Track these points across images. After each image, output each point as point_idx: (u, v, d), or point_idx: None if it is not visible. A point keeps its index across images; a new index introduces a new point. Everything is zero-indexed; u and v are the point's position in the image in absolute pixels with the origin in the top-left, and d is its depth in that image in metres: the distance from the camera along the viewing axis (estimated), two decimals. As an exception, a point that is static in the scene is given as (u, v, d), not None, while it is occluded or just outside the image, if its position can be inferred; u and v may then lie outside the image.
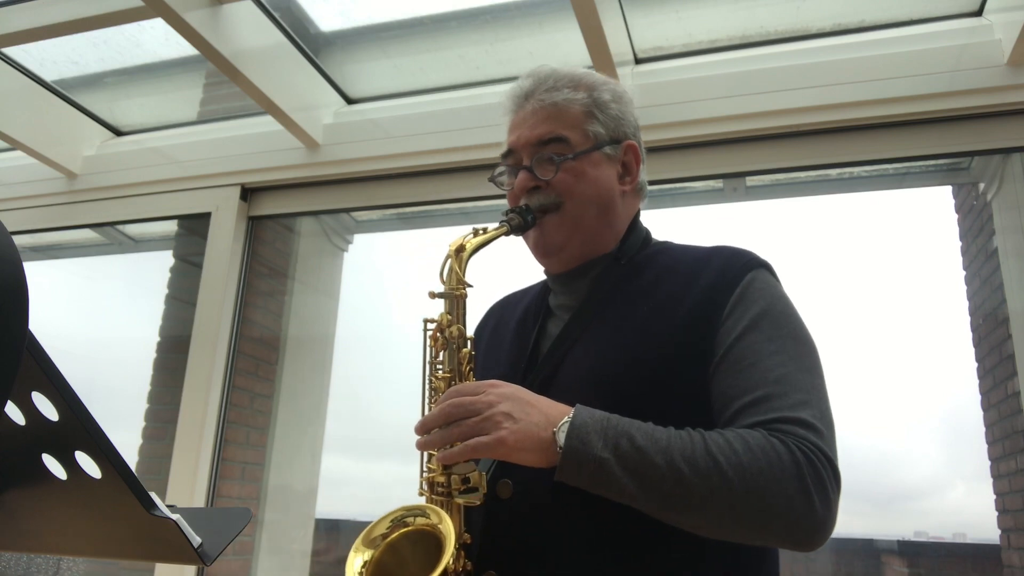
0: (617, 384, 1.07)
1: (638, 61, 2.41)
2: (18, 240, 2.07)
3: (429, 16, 2.52)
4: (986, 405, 2.50)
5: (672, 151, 2.31)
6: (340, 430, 3.21)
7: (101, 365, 3.32)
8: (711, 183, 2.57)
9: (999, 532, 2.42)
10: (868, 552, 2.89)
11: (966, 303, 2.58)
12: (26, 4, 2.31)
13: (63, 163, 2.95)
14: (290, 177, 2.73)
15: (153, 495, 0.67)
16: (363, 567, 1.01)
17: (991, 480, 2.47)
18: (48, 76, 2.86)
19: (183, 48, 2.62)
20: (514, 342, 1.27)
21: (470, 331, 1.17)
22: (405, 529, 1.05)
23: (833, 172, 2.50)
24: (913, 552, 2.78)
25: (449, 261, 1.16)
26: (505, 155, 1.27)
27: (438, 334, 1.15)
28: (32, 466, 0.68)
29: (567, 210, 1.20)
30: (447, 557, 0.96)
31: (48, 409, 0.62)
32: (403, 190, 2.64)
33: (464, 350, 1.14)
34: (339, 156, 2.66)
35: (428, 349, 1.17)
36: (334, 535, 3.56)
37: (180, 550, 0.69)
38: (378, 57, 2.68)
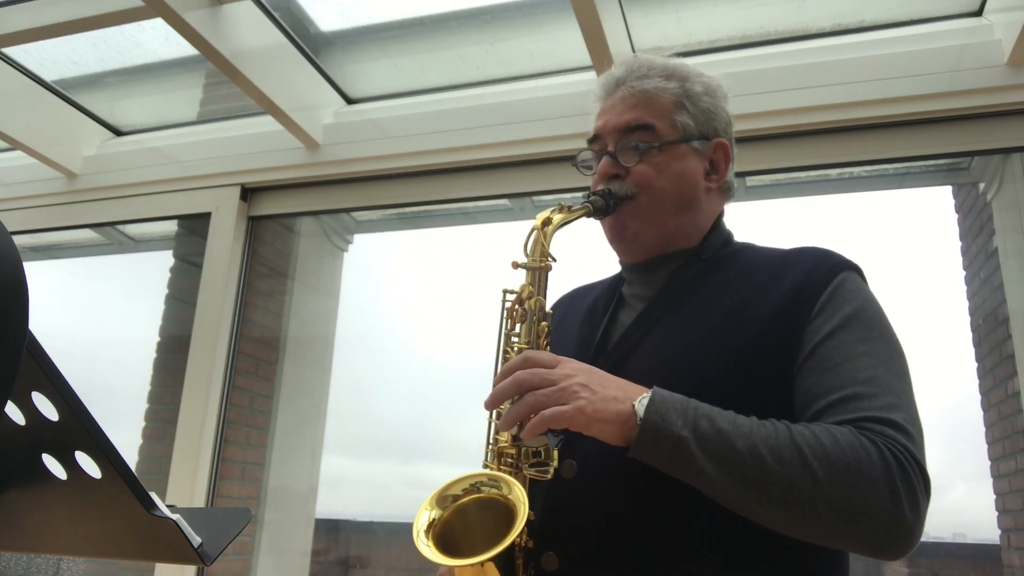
0: (691, 375, 1.04)
1: (638, 61, 2.41)
2: (18, 240, 2.07)
3: (429, 16, 2.52)
4: (986, 405, 2.50)
5: (672, 151, 2.30)
6: (340, 430, 3.22)
7: (101, 365, 3.32)
8: (711, 183, 2.57)
9: (999, 532, 2.42)
10: (868, 552, 2.88)
11: (966, 303, 2.58)
12: (26, 4, 2.31)
13: (63, 163, 2.95)
14: (290, 177, 2.73)
15: (153, 495, 0.67)
16: (430, 524, 1.00)
17: (991, 480, 2.47)
18: (48, 76, 2.86)
19: (183, 48, 2.62)
20: (582, 330, 1.24)
21: (549, 305, 1.14)
22: (478, 496, 1.03)
23: (833, 172, 2.50)
24: (913, 552, 2.77)
25: (535, 233, 1.13)
26: (591, 140, 1.25)
27: (516, 306, 1.12)
28: (32, 466, 0.68)
29: (642, 202, 1.17)
30: (515, 532, 0.93)
31: (48, 409, 0.62)
32: (403, 190, 2.64)
33: (543, 323, 1.11)
34: (339, 156, 2.66)
35: (504, 321, 1.14)
36: (334, 535, 3.56)
37: (180, 550, 0.69)
38: (378, 57, 2.68)
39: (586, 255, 1.43)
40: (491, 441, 1.09)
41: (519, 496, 0.98)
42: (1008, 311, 2.31)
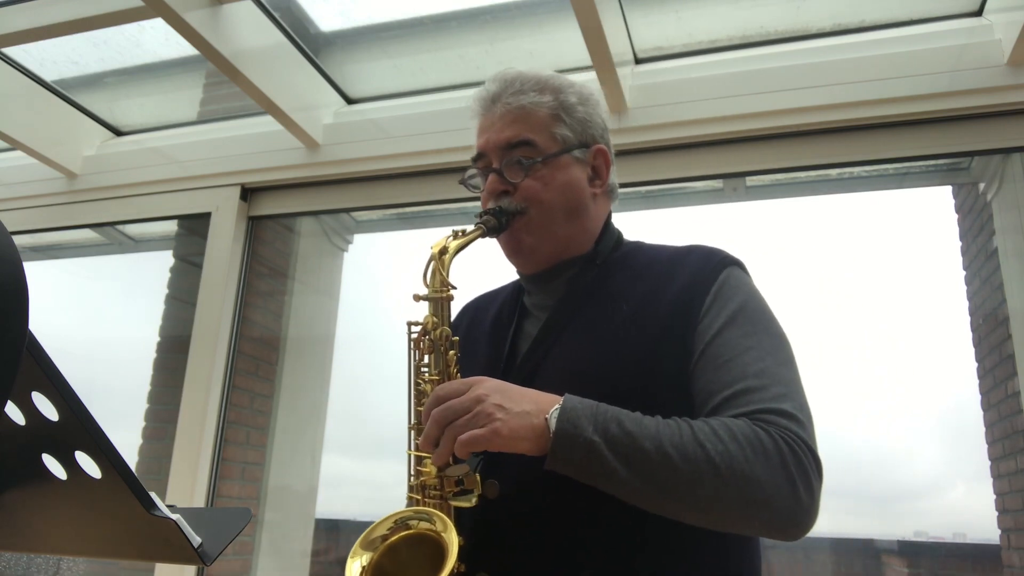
0: (598, 381, 1.08)
1: (638, 61, 2.41)
2: (18, 240, 2.07)
3: (429, 16, 2.51)
4: (986, 405, 2.50)
5: (672, 151, 2.31)
6: (340, 430, 3.21)
7: (101, 365, 3.32)
8: (711, 183, 2.57)
9: (999, 532, 2.42)
10: (868, 552, 2.89)
11: (966, 303, 2.58)
12: (26, 4, 2.31)
13: (63, 163, 2.95)
14: (290, 177, 2.73)
15: (153, 495, 0.67)
16: (361, 571, 1.01)
17: (991, 480, 2.47)
18: (48, 76, 2.86)
19: (183, 48, 2.62)
20: (490, 342, 1.28)
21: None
22: (406, 532, 1.04)
23: (833, 172, 2.50)
24: (913, 552, 2.78)
25: (432, 263, 1.17)
26: (475, 158, 1.30)
27: (423, 337, 1.15)
28: (32, 466, 0.68)
29: (533, 215, 1.21)
30: (450, 564, 0.95)
31: (48, 409, 0.62)
32: (403, 190, 2.64)
33: (451, 352, 1.15)
34: (339, 156, 2.66)
35: (412, 352, 1.17)
36: (334, 535, 3.55)
37: (180, 550, 0.69)
38: (378, 57, 2.68)
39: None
40: (413, 475, 1.11)
41: (447, 526, 1.00)
42: (1008, 311, 2.31)
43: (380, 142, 2.62)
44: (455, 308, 1.19)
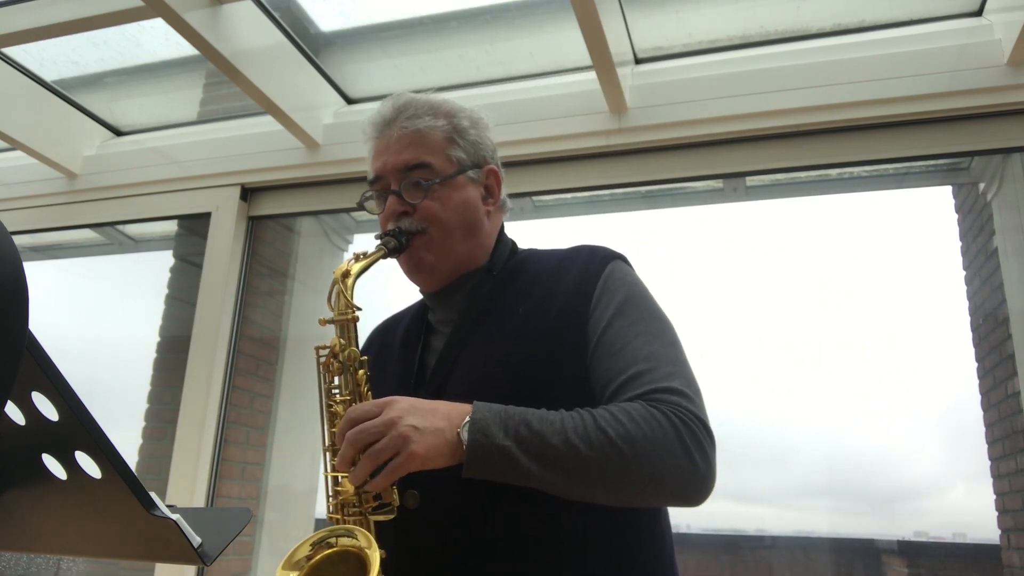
0: (505, 387, 1.12)
1: (638, 61, 2.41)
2: (18, 240, 2.07)
3: (429, 16, 2.52)
4: (986, 405, 2.50)
5: (672, 151, 2.31)
6: (340, 430, 3.21)
7: (101, 365, 3.32)
8: (711, 183, 2.57)
9: (999, 532, 2.42)
10: (868, 552, 2.89)
11: (966, 303, 2.58)
12: (26, 4, 2.31)
13: (63, 163, 2.95)
14: (290, 177, 2.73)
15: (153, 495, 0.67)
16: None
17: (991, 480, 2.47)
18: (48, 76, 2.86)
19: (183, 48, 2.62)
20: (399, 362, 1.32)
21: (361, 342, 1.22)
22: (328, 551, 1.05)
23: (833, 172, 2.50)
24: (913, 552, 2.78)
25: (336, 286, 1.20)
26: (372, 181, 1.34)
27: (332, 360, 1.18)
28: (32, 466, 0.68)
29: (433, 234, 1.26)
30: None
31: (48, 409, 0.62)
32: (403, 190, 2.64)
33: (361, 372, 1.18)
34: (339, 156, 2.66)
35: (322, 375, 1.20)
36: (334, 535, 3.54)
37: (180, 550, 0.69)
38: (378, 57, 2.68)
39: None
40: (331, 494, 1.13)
41: (368, 541, 1.02)
42: (1008, 311, 2.31)
43: (380, 142, 2.61)
44: (365, 329, 1.23)
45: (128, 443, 2.93)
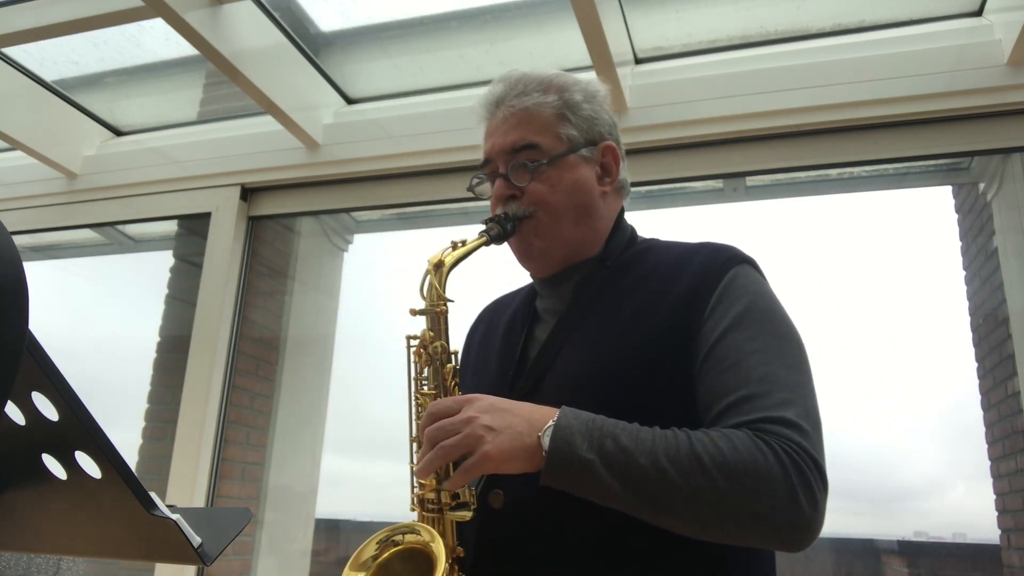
0: (603, 386, 1.07)
1: (638, 61, 2.41)
2: (18, 240, 2.07)
3: (429, 16, 2.51)
4: (986, 405, 2.50)
5: (672, 151, 2.31)
6: (340, 430, 3.21)
7: (101, 365, 3.32)
8: (711, 183, 2.57)
9: (999, 532, 2.42)
10: (868, 552, 2.89)
11: (966, 303, 2.58)
12: (26, 4, 2.31)
13: (63, 163, 2.95)
14: (290, 177, 2.73)
15: (153, 495, 0.67)
16: None
17: (991, 480, 2.47)
18: (48, 76, 2.86)
19: (183, 48, 2.62)
20: (502, 348, 1.27)
21: (454, 345, 1.17)
22: (396, 548, 1.05)
23: (833, 172, 2.50)
24: (913, 552, 2.78)
25: (428, 277, 1.15)
26: (482, 164, 1.27)
27: (422, 350, 1.15)
28: (32, 466, 0.68)
29: (541, 218, 1.20)
30: (439, 572, 0.96)
31: (48, 409, 0.62)
32: (403, 190, 2.64)
33: (448, 365, 1.14)
34: (339, 156, 2.66)
35: (412, 365, 1.16)
36: (334, 535, 3.55)
37: (180, 550, 0.69)
38: (378, 57, 2.68)
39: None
40: (415, 487, 1.11)
41: (437, 539, 1.01)
42: (1008, 311, 2.31)
43: (380, 142, 2.62)
44: (462, 315, 1.18)
45: (128, 443, 2.93)
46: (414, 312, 1.15)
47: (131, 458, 2.93)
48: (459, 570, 1.06)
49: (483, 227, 1.19)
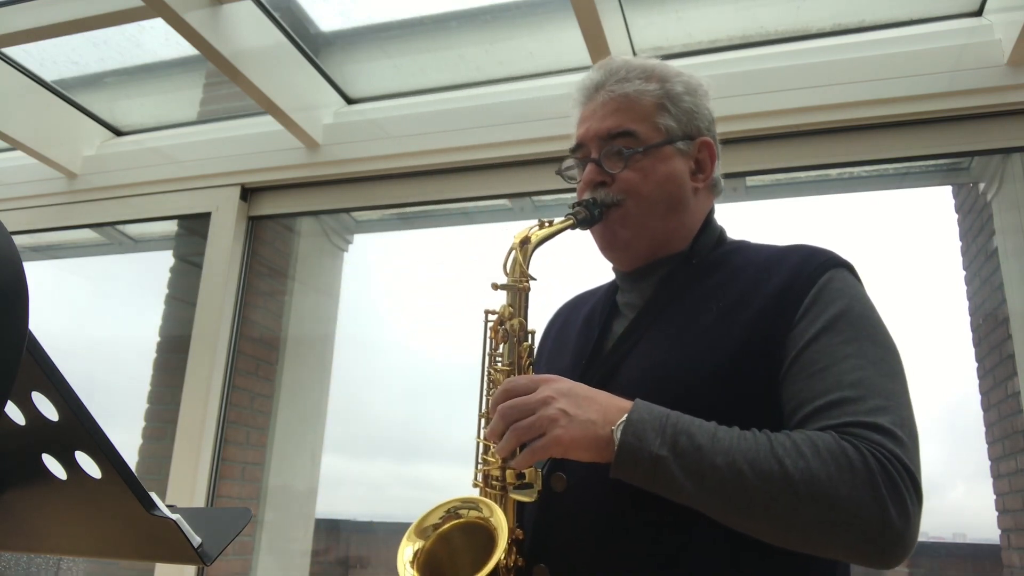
0: (677, 384, 1.03)
1: (638, 61, 2.41)
2: (18, 240, 2.07)
3: (429, 16, 2.52)
4: (986, 405, 2.50)
5: (672, 151, 2.30)
6: (340, 430, 3.21)
7: (101, 365, 3.32)
8: (711, 183, 2.57)
9: (999, 532, 2.42)
10: (868, 552, 2.88)
11: (966, 303, 2.58)
12: (26, 4, 2.31)
13: (63, 163, 2.95)
14: (290, 177, 2.73)
15: (153, 495, 0.67)
16: (414, 556, 1.01)
17: (991, 480, 2.47)
18: (48, 76, 2.86)
19: (183, 48, 2.62)
20: (578, 340, 1.24)
21: (531, 325, 1.14)
22: (457, 521, 1.04)
23: (833, 172, 2.50)
24: (913, 552, 2.77)
25: (513, 253, 1.12)
26: (574, 149, 1.24)
27: (499, 326, 1.12)
28: (32, 466, 0.68)
29: (630, 208, 1.16)
30: (499, 554, 0.94)
31: (48, 409, 0.62)
32: (403, 190, 2.64)
33: (525, 344, 1.11)
34: (339, 156, 2.66)
35: (488, 340, 1.14)
36: (334, 535, 3.56)
37: (180, 550, 0.69)
38: (378, 57, 2.68)
39: (581, 263, 1.42)
40: (480, 463, 1.10)
41: (499, 516, 1.00)
42: (1008, 311, 2.31)
43: (380, 142, 2.62)
44: (535, 300, 1.15)
45: (128, 443, 2.93)
46: (496, 287, 1.12)
47: (131, 458, 2.93)
48: (516, 551, 1.04)
49: (570, 210, 1.15)
